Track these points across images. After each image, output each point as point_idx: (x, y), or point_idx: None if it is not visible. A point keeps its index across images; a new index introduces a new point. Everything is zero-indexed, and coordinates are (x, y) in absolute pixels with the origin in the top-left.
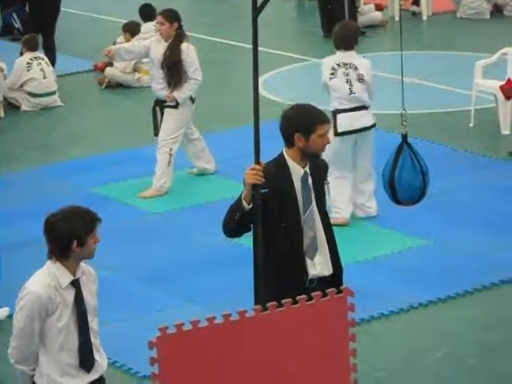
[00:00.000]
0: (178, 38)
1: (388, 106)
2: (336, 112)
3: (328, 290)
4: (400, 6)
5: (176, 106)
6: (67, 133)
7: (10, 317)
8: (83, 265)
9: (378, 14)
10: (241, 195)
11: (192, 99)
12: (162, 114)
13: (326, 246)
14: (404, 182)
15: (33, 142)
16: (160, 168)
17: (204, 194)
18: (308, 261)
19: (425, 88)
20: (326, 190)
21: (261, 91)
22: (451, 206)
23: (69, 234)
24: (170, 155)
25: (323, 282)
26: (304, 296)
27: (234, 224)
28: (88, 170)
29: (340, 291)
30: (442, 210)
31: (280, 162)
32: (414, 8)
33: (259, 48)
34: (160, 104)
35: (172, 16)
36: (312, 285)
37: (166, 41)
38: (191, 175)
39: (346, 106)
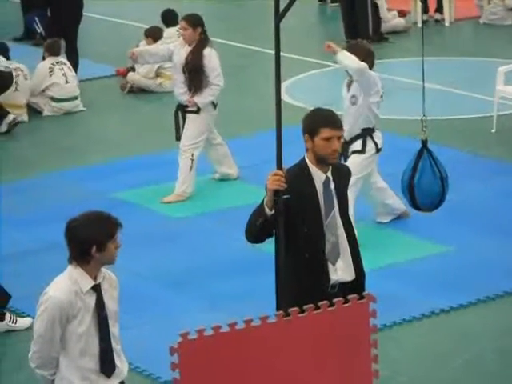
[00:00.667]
0: (201, 43)
1: (409, 111)
2: (373, 129)
3: (350, 296)
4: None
5: (197, 111)
6: (89, 137)
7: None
8: (104, 270)
9: (401, 21)
10: (263, 201)
11: (214, 104)
12: (184, 119)
13: (349, 252)
14: (423, 188)
15: (55, 147)
16: (182, 173)
17: (226, 200)
18: (330, 266)
19: (447, 94)
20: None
21: (283, 96)
22: (472, 213)
23: (88, 239)
24: (192, 160)
25: (345, 288)
26: (326, 302)
27: (257, 230)
28: (110, 175)
29: (362, 297)
30: (462, 216)
31: (302, 166)
32: (437, 16)
33: (281, 53)
34: (182, 109)
35: (195, 21)
36: (334, 290)
37: (189, 45)
38: (213, 180)
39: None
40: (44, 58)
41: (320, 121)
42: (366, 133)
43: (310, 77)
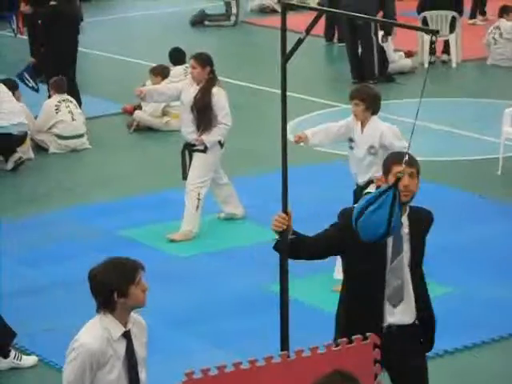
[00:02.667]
0: (210, 82)
1: (416, 152)
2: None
3: (354, 337)
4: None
5: (205, 150)
6: (95, 175)
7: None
8: (134, 315)
9: (408, 61)
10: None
11: (221, 144)
12: (191, 157)
13: (412, 296)
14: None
15: (60, 184)
16: (188, 212)
17: (232, 239)
18: (388, 308)
19: (453, 135)
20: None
21: (289, 136)
22: (477, 254)
23: (108, 286)
24: (199, 200)
25: (405, 330)
26: (331, 342)
27: (290, 254)
28: (115, 213)
29: (432, 341)
30: (467, 258)
31: None
32: (444, 57)
33: (288, 93)
34: (189, 147)
35: (204, 60)
36: (390, 329)
37: (197, 84)
38: (219, 219)
39: None
40: (50, 96)
41: (391, 159)
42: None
43: (316, 117)
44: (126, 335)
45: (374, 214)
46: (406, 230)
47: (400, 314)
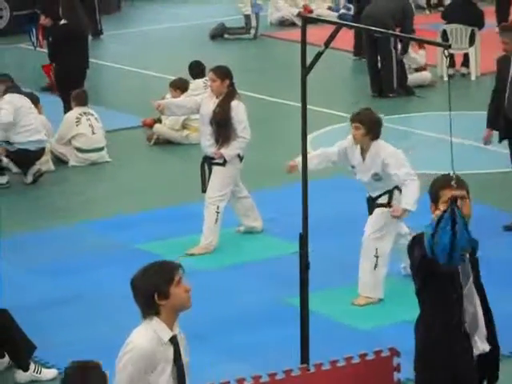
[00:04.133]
0: (229, 95)
1: (436, 166)
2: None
3: (374, 350)
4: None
5: (224, 164)
6: (114, 189)
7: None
8: (177, 325)
9: (427, 74)
10: None
11: (240, 157)
12: (210, 171)
13: (483, 324)
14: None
15: (80, 197)
16: (207, 226)
17: (250, 253)
18: (473, 337)
19: (472, 148)
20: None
21: (309, 149)
22: (495, 267)
23: (148, 289)
24: (218, 213)
25: (481, 360)
26: (350, 355)
27: (417, 264)
28: (134, 227)
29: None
30: (485, 270)
31: None
32: (464, 70)
33: (307, 106)
34: (208, 161)
35: (224, 73)
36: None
37: (216, 97)
38: (238, 233)
39: None
40: (70, 108)
41: (438, 185)
42: (393, 188)
43: (336, 130)
44: (174, 339)
45: (443, 237)
46: (467, 256)
47: (480, 341)
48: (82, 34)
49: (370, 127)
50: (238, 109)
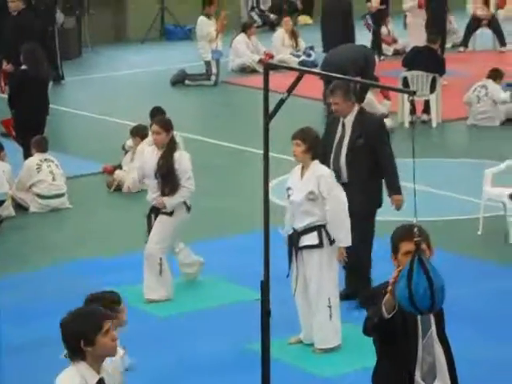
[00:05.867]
0: (171, 146)
1: (395, 213)
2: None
3: None
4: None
5: (171, 214)
6: (74, 235)
7: None
8: (105, 364)
9: (388, 121)
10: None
11: (187, 207)
12: (155, 217)
13: (447, 372)
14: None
15: (41, 243)
16: (152, 279)
17: (210, 299)
18: None
19: (433, 195)
20: None
21: (271, 197)
22: (459, 315)
23: (74, 335)
24: (160, 264)
25: None
26: None
27: (372, 326)
28: (94, 273)
29: None
30: (450, 319)
31: None
32: (424, 117)
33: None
34: (155, 211)
35: (169, 125)
36: None
37: (158, 149)
38: (197, 279)
39: None
40: (30, 155)
41: (397, 236)
42: (322, 226)
43: None
44: (100, 382)
45: (419, 285)
46: None
47: None
48: (41, 80)
49: (310, 144)
50: (181, 159)
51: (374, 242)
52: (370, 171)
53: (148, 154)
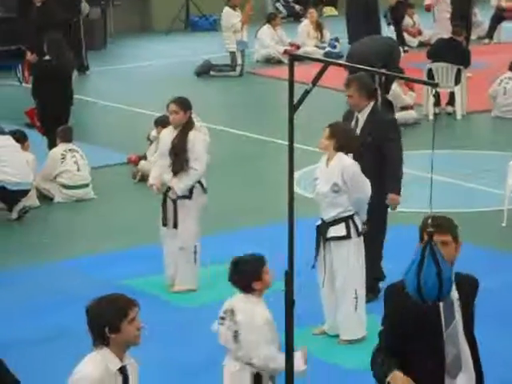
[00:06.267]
0: (188, 126)
1: (420, 204)
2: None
3: None
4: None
5: (190, 197)
6: (99, 225)
7: None
8: (129, 356)
9: (412, 113)
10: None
11: (204, 189)
12: (175, 203)
13: (472, 365)
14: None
15: (65, 234)
16: (185, 268)
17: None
18: (448, 380)
19: (457, 187)
20: None
21: (295, 188)
22: (483, 308)
23: (100, 321)
24: (195, 253)
25: None
26: None
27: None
28: (119, 263)
29: None
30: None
31: None
32: (449, 108)
33: (294, 144)
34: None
35: (186, 105)
36: None
37: (175, 129)
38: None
39: None
40: (55, 145)
41: (421, 224)
42: (349, 217)
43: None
44: (123, 370)
45: (428, 275)
46: (456, 294)
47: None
48: (65, 70)
49: (336, 136)
50: (195, 140)
51: (391, 232)
52: (378, 166)
53: (165, 134)
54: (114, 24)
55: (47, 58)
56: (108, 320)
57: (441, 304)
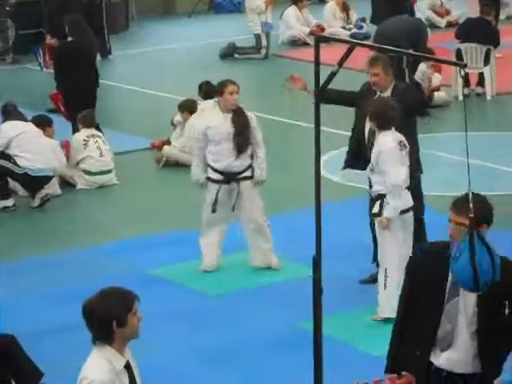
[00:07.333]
0: (240, 107)
1: (450, 187)
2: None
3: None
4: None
5: (252, 177)
6: (122, 212)
7: None
8: (128, 350)
9: (442, 94)
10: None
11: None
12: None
13: (471, 346)
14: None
15: (87, 221)
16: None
17: (265, 275)
18: (437, 350)
19: (487, 169)
20: None
21: (322, 172)
22: None
23: (107, 316)
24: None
25: (456, 380)
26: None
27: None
28: (143, 250)
29: None
30: None
31: (444, 245)
32: (479, 89)
33: (321, 128)
34: (233, 177)
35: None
36: (442, 374)
37: (228, 112)
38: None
39: None
40: (77, 130)
41: (451, 205)
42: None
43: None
44: (128, 365)
45: (464, 266)
46: None
47: (448, 360)
48: (87, 50)
49: (377, 118)
50: (252, 119)
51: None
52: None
53: (212, 119)
54: (135, 7)
55: (69, 39)
56: (115, 314)
57: (449, 279)
